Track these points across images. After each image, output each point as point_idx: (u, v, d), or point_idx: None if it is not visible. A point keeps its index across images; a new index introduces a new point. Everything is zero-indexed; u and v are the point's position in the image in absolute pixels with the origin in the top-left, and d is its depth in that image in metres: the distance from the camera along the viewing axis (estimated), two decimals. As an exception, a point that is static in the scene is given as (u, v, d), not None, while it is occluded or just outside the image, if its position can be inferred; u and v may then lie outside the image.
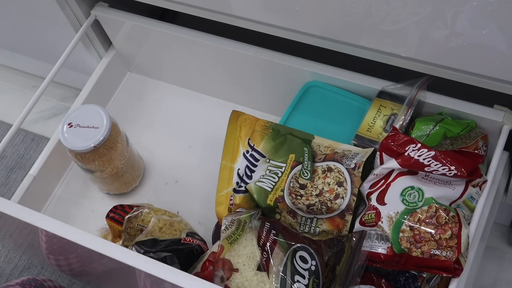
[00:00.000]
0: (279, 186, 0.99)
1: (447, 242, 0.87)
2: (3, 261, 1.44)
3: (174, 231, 1.06)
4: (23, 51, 1.57)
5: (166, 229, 1.06)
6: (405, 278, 0.95)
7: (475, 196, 0.93)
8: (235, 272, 0.88)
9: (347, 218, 0.95)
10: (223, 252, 0.89)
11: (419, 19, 0.89)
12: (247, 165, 1.03)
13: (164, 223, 1.06)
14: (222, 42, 1.17)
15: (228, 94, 1.29)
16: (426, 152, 0.92)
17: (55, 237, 0.97)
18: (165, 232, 1.05)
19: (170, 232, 1.06)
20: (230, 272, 0.89)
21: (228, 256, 0.90)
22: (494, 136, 1.01)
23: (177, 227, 1.07)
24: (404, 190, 0.92)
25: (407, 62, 0.97)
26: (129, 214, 1.05)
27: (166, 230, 1.06)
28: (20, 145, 1.61)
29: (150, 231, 1.03)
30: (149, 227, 1.03)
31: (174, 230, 1.06)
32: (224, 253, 0.89)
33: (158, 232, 1.05)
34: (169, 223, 1.06)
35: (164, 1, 1.12)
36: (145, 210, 1.07)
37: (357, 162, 0.97)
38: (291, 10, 0.98)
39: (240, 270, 0.89)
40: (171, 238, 1.04)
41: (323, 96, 1.12)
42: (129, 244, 1.03)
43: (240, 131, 1.06)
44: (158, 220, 1.05)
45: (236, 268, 0.89)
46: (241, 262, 0.89)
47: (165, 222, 1.06)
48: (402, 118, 1.02)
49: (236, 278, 0.88)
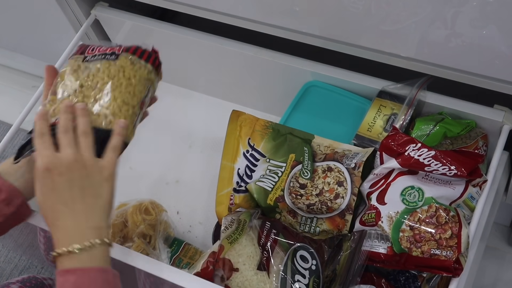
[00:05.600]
0: (279, 185, 0.99)
1: (447, 241, 0.87)
2: (3, 261, 1.44)
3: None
4: (23, 51, 1.57)
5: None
6: (405, 278, 0.95)
7: (475, 196, 0.93)
8: (235, 272, 0.88)
9: (347, 218, 0.95)
10: (223, 251, 0.89)
11: (419, 19, 0.89)
12: (247, 164, 1.03)
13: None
14: (222, 42, 1.17)
15: (228, 94, 1.29)
16: (426, 151, 0.92)
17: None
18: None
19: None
20: (230, 272, 0.89)
21: (228, 255, 0.90)
22: (494, 136, 1.01)
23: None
24: (404, 190, 0.92)
25: (407, 62, 0.97)
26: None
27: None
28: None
29: None
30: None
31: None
32: (224, 253, 0.89)
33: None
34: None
35: (164, 1, 1.12)
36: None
37: (357, 162, 0.97)
38: (291, 11, 0.98)
39: (240, 270, 0.89)
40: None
41: (323, 96, 1.12)
42: None
43: (240, 131, 1.06)
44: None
45: (236, 268, 0.89)
46: (241, 261, 0.89)
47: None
48: (402, 118, 1.02)
49: (237, 277, 0.88)
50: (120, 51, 0.90)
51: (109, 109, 0.86)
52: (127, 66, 0.89)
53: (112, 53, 0.90)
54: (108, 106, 0.86)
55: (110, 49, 0.91)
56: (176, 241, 1.16)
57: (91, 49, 0.93)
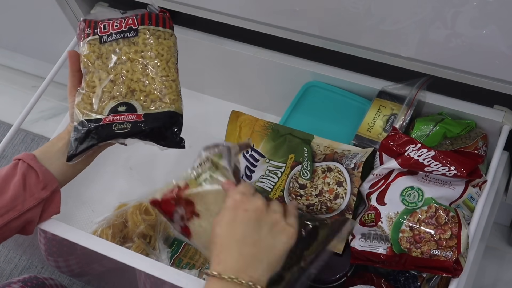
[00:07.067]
0: (279, 186, 0.99)
1: (446, 242, 0.87)
2: (3, 261, 1.44)
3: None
4: (23, 51, 1.57)
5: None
6: (405, 278, 0.95)
7: (475, 196, 0.93)
8: (196, 217, 0.83)
9: (347, 218, 0.95)
10: (187, 190, 0.83)
11: (419, 19, 0.89)
12: (246, 165, 1.03)
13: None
14: (222, 42, 1.17)
15: (228, 94, 1.29)
16: (426, 152, 0.91)
17: (54, 239, 0.98)
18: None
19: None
20: (191, 215, 0.83)
21: (193, 196, 0.83)
22: (494, 136, 1.01)
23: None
24: (404, 190, 0.92)
25: (407, 62, 0.97)
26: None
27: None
28: (20, 145, 1.61)
29: None
30: None
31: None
32: (189, 193, 0.83)
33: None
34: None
35: (164, 1, 1.12)
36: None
37: (357, 162, 0.97)
38: (291, 11, 0.98)
39: (202, 216, 0.83)
40: None
41: (323, 96, 1.12)
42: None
43: (240, 131, 1.06)
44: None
45: (197, 213, 0.83)
46: (204, 208, 0.83)
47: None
48: (402, 118, 1.02)
49: (195, 221, 0.83)
50: (136, 25, 0.89)
51: (155, 93, 0.88)
52: (152, 41, 0.89)
53: (130, 29, 0.90)
54: (152, 91, 0.88)
55: (124, 23, 0.90)
56: (176, 241, 1.16)
57: (103, 26, 0.91)
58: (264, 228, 0.75)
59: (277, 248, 0.75)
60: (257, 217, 0.75)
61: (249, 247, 0.73)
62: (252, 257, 0.73)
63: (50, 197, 0.92)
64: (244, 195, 0.76)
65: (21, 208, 0.89)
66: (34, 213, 0.91)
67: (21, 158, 0.91)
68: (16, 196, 0.88)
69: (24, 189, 0.89)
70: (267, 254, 0.74)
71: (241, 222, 0.74)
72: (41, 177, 0.90)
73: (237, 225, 0.74)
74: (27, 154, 0.92)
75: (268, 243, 0.74)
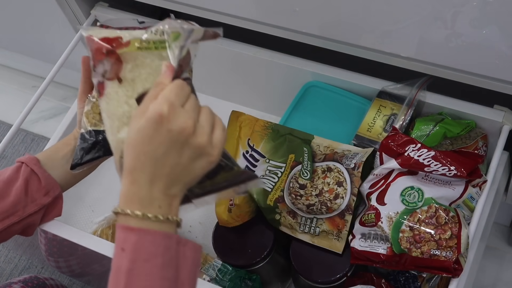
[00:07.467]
0: (279, 186, 0.99)
1: (447, 242, 0.87)
2: (3, 261, 1.44)
3: None
4: (23, 51, 1.57)
5: None
6: (405, 278, 0.95)
7: (475, 196, 0.93)
8: (118, 81, 0.75)
9: (347, 218, 0.95)
10: (125, 48, 0.74)
11: (419, 19, 0.89)
12: (246, 165, 1.03)
13: None
14: (222, 42, 1.17)
15: (227, 94, 1.29)
16: (426, 152, 0.92)
17: (54, 240, 0.97)
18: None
19: None
20: (114, 76, 0.75)
21: (126, 58, 0.75)
22: (494, 136, 1.01)
23: None
24: (404, 190, 0.92)
25: (407, 62, 0.97)
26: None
27: None
28: (20, 145, 1.61)
29: None
30: None
31: None
32: (125, 51, 0.74)
33: None
34: None
35: (164, 1, 1.12)
36: None
37: (357, 162, 0.97)
38: (291, 11, 0.98)
39: (124, 83, 0.75)
40: None
41: (323, 96, 1.12)
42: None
43: (240, 132, 1.06)
44: None
45: (120, 78, 0.75)
46: (131, 76, 0.75)
47: None
48: (402, 118, 1.02)
49: (114, 85, 0.75)
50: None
51: None
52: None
53: None
54: None
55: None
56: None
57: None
58: (187, 153, 0.67)
59: (194, 173, 0.68)
60: (181, 141, 0.66)
61: (167, 168, 0.67)
62: (167, 177, 0.67)
63: (52, 203, 0.92)
64: (172, 107, 0.65)
65: (22, 214, 0.89)
66: (34, 218, 0.90)
67: (25, 161, 0.90)
68: (17, 201, 0.88)
69: (26, 194, 0.89)
70: (183, 177, 0.68)
71: (161, 143, 0.66)
72: (43, 183, 0.90)
73: (157, 145, 0.66)
74: (30, 158, 0.91)
75: (186, 167, 0.68)
